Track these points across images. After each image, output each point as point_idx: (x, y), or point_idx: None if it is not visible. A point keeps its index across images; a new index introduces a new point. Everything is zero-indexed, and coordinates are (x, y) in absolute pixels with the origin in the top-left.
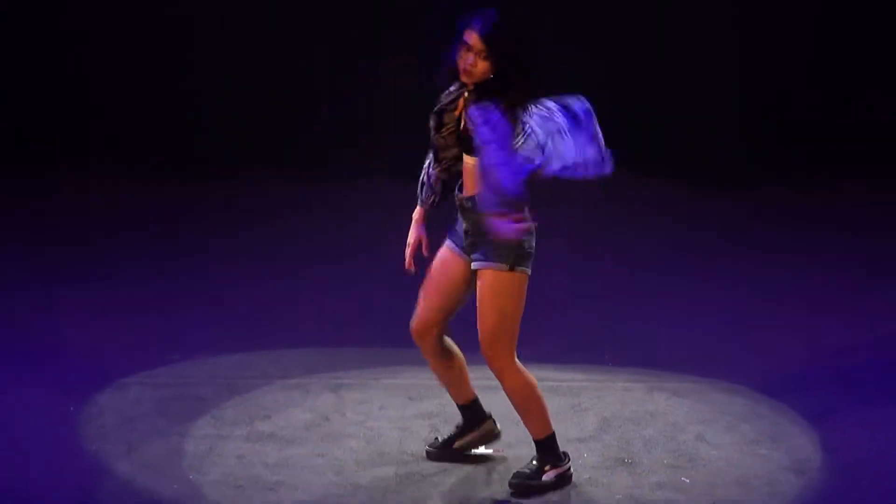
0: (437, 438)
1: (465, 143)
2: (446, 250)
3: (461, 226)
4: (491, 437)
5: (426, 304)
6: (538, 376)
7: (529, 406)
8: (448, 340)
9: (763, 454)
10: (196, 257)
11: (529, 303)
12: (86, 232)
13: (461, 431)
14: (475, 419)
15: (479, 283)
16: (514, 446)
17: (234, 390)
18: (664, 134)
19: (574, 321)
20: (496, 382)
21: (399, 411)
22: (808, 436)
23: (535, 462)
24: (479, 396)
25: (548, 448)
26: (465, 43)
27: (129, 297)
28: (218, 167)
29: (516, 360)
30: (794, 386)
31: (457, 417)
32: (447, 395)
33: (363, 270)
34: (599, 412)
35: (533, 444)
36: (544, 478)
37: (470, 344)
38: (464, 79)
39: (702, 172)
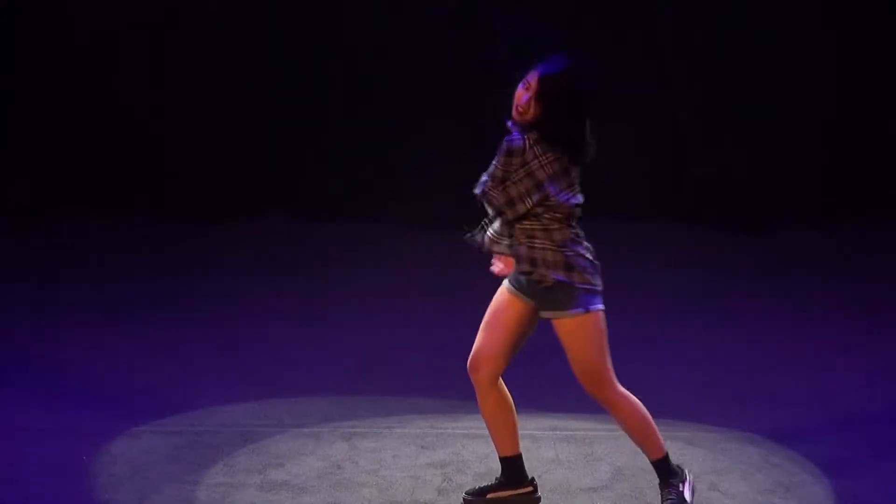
0: (476, 486)
1: None
2: (505, 291)
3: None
4: (529, 502)
5: (484, 336)
6: (550, 425)
7: (644, 429)
8: (503, 387)
9: (777, 503)
10: (210, 304)
11: (541, 350)
12: (98, 279)
13: (499, 484)
14: (517, 478)
15: (559, 331)
16: None
17: (247, 438)
18: (672, 178)
19: None
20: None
21: (411, 460)
22: (821, 485)
23: (669, 490)
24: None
25: (666, 467)
26: (527, 81)
27: (142, 343)
28: (232, 212)
29: (619, 386)
30: (808, 434)
31: (470, 466)
32: (460, 444)
33: (377, 318)
34: (613, 461)
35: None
36: (686, 495)
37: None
38: (514, 117)
39: (709, 216)
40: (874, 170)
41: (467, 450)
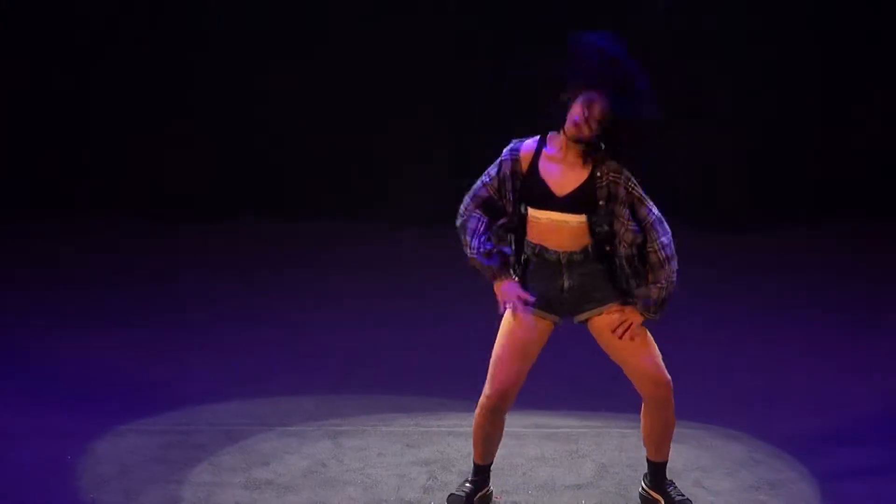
0: (463, 494)
1: (590, 201)
2: (524, 318)
3: (550, 285)
4: (489, 499)
5: (513, 374)
6: (536, 422)
7: (673, 428)
8: None
9: (761, 500)
10: (194, 305)
11: None
12: (82, 281)
13: (480, 485)
14: (486, 478)
15: (606, 329)
16: (512, 493)
17: (232, 437)
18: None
19: (571, 367)
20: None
21: (397, 458)
22: (806, 482)
23: (671, 487)
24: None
25: (664, 472)
26: (592, 102)
27: (126, 344)
28: (215, 212)
29: None
30: (792, 432)
31: (455, 464)
32: (445, 442)
33: (361, 319)
34: (597, 458)
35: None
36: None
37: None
38: (571, 131)
39: (701, 216)
40: (859, 171)
41: (452, 448)
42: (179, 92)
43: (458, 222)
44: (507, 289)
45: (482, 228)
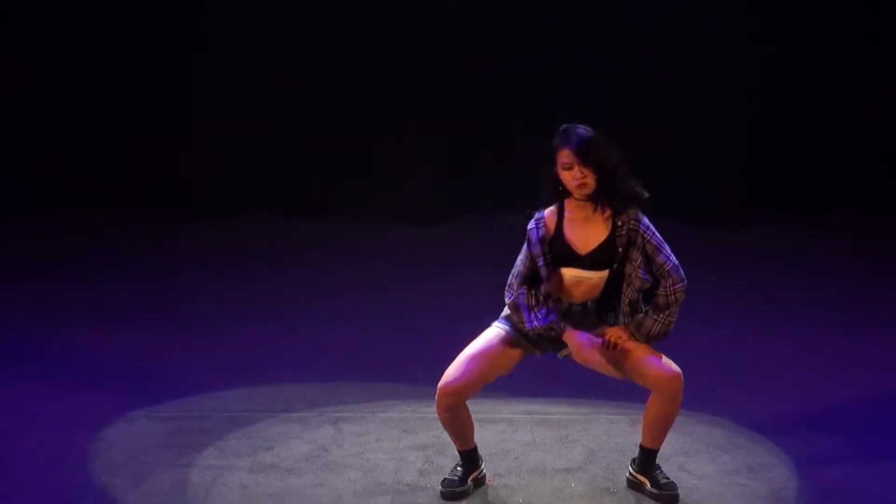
0: (456, 477)
1: (612, 254)
2: (508, 337)
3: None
4: (483, 480)
5: (472, 370)
6: (527, 410)
7: (673, 423)
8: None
9: (742, 484)
10: (200, 299)
11: None
12: (93, 270)
13: (470, 468)
14: (476, 461)
15: (595, 352)
16: (504, 476)
17: (238, 423)
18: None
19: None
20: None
21: (394, 443)
22: (784, 466)
23: (658, 472)
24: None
25: (654, 459)
26: (566, 163)
27: (136, 335)
28: (219, 206)
29: None
30: (773, 419)
31: (450, 449)
32: (439, 428)
33: (361, 309)
34: (586, 444)
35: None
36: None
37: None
38: (578, 194)
39: (693, 211)
40: (849, 170)
41: (446, 433)
42: (179, 91)
43: (508, 301)
44: (579, 339)
45: (533, 302)
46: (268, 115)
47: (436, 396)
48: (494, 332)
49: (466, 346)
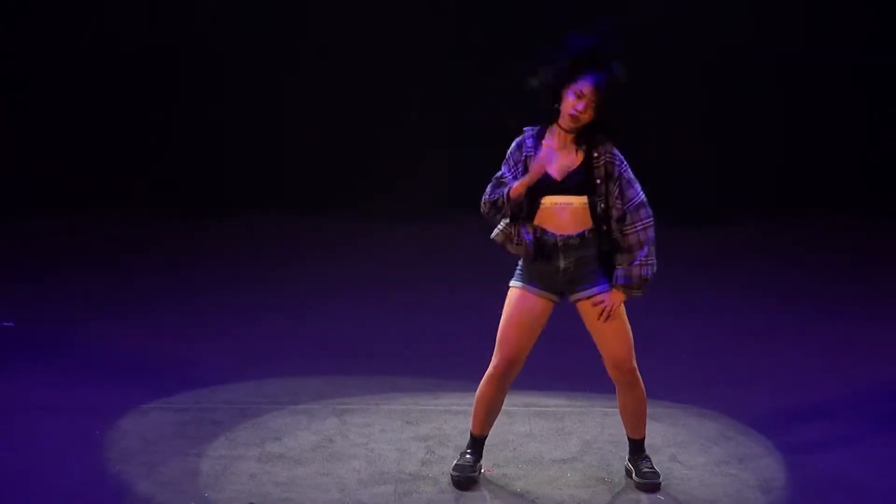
0: (468, 464)
1: (589, 182)
2: (527, 295)
3: (548, 266)
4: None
5: (517, 345)
6: (524, 402)
7: (645, 408)
8: None
9: (732, 474)
10: (210, 296)
11: None
12: (107, 271)
13: (479, 456)
14: (481, 452)
15: (591, 310)
16: (502, 466)
17: (247, 414)
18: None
19: (557, 349)
20: None
21: (398, 434)
22: (773, 457)
23: (644, 461)
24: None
25: (642, 447)
26: (579, 91)
27: (149, 329)
28: (228, 207)
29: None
30: (762, 411)
31: (451, 440)
32: (441, 419)
33: (366, 305)
34: (581, 435)
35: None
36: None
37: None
38: (567, 124)
39: (681, 209)
40: (823, 168)
41: (448, 425)
42: (182, 91)
43: (483, 204)
44: (532, 169)
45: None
46: (272, 116)
47: (491, 370)
48: (517, 295)
49: (501, 319)
